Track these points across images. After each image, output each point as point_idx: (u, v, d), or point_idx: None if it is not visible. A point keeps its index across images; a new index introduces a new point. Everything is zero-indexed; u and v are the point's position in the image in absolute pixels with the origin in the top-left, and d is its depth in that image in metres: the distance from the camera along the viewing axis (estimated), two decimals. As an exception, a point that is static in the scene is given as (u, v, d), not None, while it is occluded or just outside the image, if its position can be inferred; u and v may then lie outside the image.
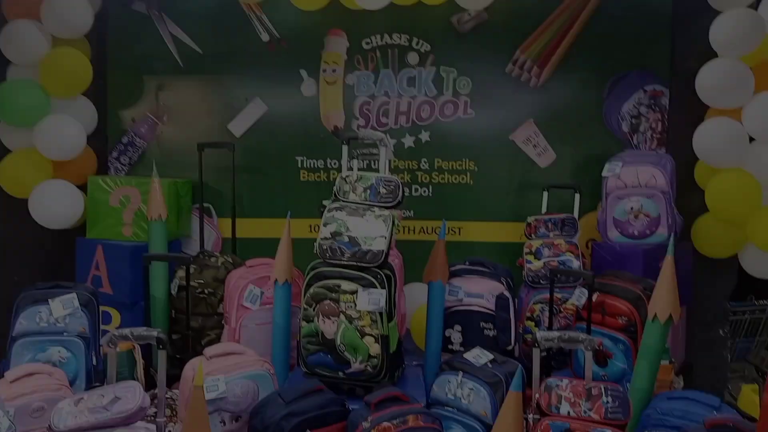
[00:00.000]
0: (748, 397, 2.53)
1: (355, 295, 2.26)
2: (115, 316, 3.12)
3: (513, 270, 2.99)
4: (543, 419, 1.81)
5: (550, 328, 2.74)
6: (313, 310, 2.31)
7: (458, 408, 2.29)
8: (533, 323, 2.94)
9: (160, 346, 1.90)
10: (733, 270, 3.38)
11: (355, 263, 2.29)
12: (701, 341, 3.36)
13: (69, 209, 3.12)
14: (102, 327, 2.74)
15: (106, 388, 1.83)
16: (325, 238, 2.33)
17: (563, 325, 2.86)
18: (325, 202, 2.46)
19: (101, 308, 2.66)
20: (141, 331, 1.91)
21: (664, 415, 2.09)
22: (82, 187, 3.23)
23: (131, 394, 1.79)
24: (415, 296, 3.23)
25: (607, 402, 1.80)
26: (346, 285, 2.27)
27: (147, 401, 1.80)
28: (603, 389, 1.82)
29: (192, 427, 1.63)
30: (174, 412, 2.40)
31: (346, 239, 2.30)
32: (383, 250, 2.27)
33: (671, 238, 2.32)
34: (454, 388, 2.31)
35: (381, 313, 2.26)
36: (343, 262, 2.30)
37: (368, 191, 2.40)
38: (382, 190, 2.38)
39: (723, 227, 3.08)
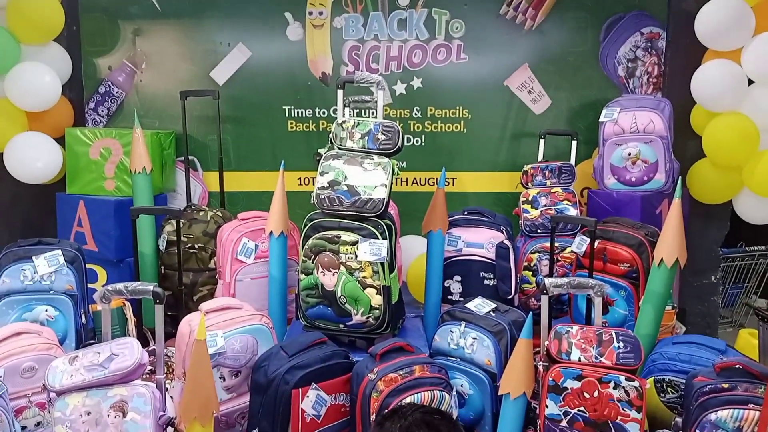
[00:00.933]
0: (746, 340, 2.55)
1: (355, 246, 2.18)
2: (102, 274, 3.02)
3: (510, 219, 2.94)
4: (553, 366, 1.78)
5: (551, 276, 2.71)
6: (312, 262, 2.24)
7: (461, 358, 2.26)
8: (530, 273, 2.91)
9: (157, 301, 1.82)
10: (726, 217, 3.38)
11: (354, 213, 2.21)
12: (693, 287, 3.38)
13: (47, 163, 2.98)
14: (89, 285, 2.65)
15: (101, 346, 1.75)
16: (323, 188, 2.24)
17: (561, 274, 2.84)
18: (320, 151, 2.36)
19: (87, 266, 2.57)
20: (136, 285, 1.82)
21: (671, 360, 2.08)
22: (60, 141, 3.07)
23: (129, 351, 1.72)
24: (410, 249, 3.18)
25: (619, 347, 1.77)
26: (346, 236, 2.19)
27: (146, 358, 1.74)
28: (614, 335, 1.80)
29: (196, 381, 1.57)
30: (170, 370, 2.34)
31: (345, 188, 2.21)
32: (383, 199, 2.19)
33: (678, 181, 2.28)
34: (457, 338, 2.28)
35: (382, 264, 2.19)
36: (342, 212, 2.21)
37: (366, 138, 2.30)
38: (381, 137, 2.28)
39: (719, 172, 3.06)
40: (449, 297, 2.67)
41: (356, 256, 2.19)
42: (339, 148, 2.32)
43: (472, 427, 2.23)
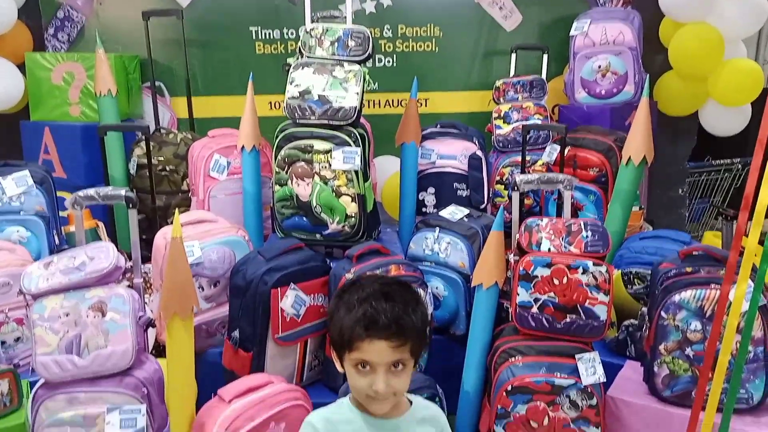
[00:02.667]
0: (710, 241, 2.64)
1: (329, 155, 2.19)
2: (72, 202, 2.98)
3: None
4: (524, 256, 1.83)
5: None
6: (286, 173, 2.24)
7: (436, 262, 2.31)
8: (502, 187, 2.95)
9: (130, 206, 1.81)
10: (693, 130, 3.45)
11: (326, 122, 2.20)
12: (661, 201, 3.47)
13: (6, 88, 2.88)
14: (60, 214, 2.62)
15: (76, 250, 1.75)
16: (293, 98, 2.22)
17: (532, 187, 2.88)
18: (290, 60, 2.32)
19: (57, 194, 2.53)
20: (108, 190, 1.81)
21: (637, 254, 2.16)
22: (21, 69, 2.98)
23: (104, 254, 1.71)
24: (384, 169, 3.19)
25: (587, 236, 1.82)
26: (319, 145, 2.19)
27: (122, 260, 1.73)
28: (582, 225, 1.84)
29: (174, 277, 1.58)
30: (148, 284, 2.35)
31: (316, 97, 2.20)
32: (355, 107, 2.18)
33: (646, 82, 2.30)
34: (432, 243, 2.32)
35: (356, 172, 2.20)
36: (314, 122, 2.20)
37: (336, 45, 2.26)
38: (351, 43, 2.25)
39: (685, 84, 3.10)
40: (423, 210, 2.71)
41: (330, 164, 2.19)
42: (308, 57, 2.28)
43: (447, 326, 2.31)
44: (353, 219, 2.24)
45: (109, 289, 1.69)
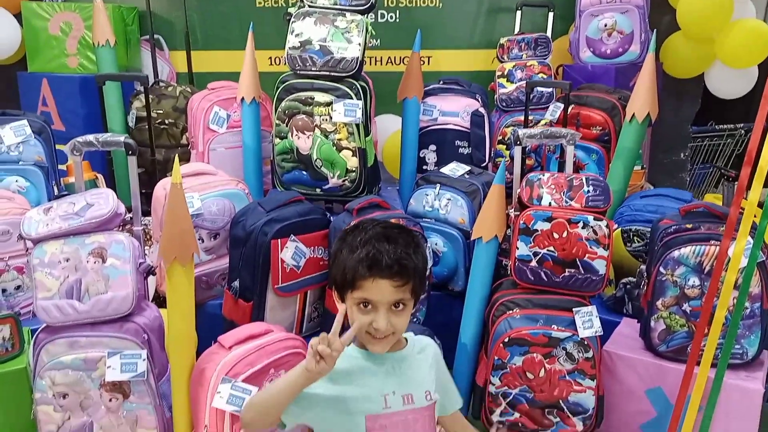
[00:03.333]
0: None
1: (330, 107, 2.17)
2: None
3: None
4: (525, 210, 1.83)
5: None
6: (286, 125, 2.22)
7: (436, 218, 2.31)
8: (504, 147, 2.93)
9: (129, 152, 1.80)
10: (698, 93, 3.42)
11: (327, 73, 2.17)
12: (663, 164, 3.46)
13: (3, 38, 2.84)
14: (59, 167, 2.60)
15: (75, 196, 1.74)
16: (294, 48, 2.19)
17: (533, 147, 2.86)
18: (291, 10, 2.28)
19: (56, 147, 2.51)
20: (107, 136, 1.80)
21: (638, 211, 2.16)
22: (17, 17, 2.92)
23: (104, 200, 1.71)
24: (385, 128, 3.16)
25: (588, 191, 1.82)
26: (319, 97, 2.17)
27: (122, 207, 1.73)
28: (584, 180, 1.84)
29: (174, 222, 1.57)
30: (148, 236, 2.35)
31: (317, 48, 2.17)
32: (357, 58, 2.15)
33: (653, 39, 2.27)
34: (432, 200, 2.32)
35: (357, 125, 2.19)
36: (315, 73, 2.17)
37: (338, -6, 2.22)
38: (354, -8, 2.22)
39: (692, 45, 3.06)
40: (424, 167, 2.69)
41: (331, 117, 2.17)
42: (310, 6, 2.24)
43: (446, 282, 2.32)
44: (353, 173, 2.23)
45: (109, 235, 1.69)
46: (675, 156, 3.48)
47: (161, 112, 2.75)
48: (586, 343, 1.77)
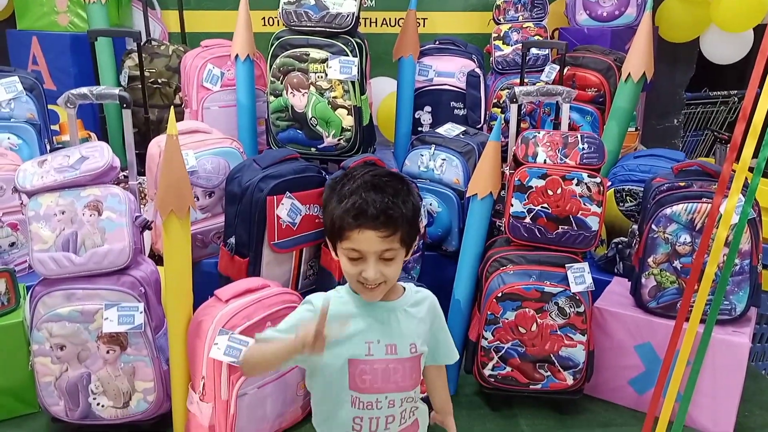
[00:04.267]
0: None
1: (325, 64, 2.15)
2: (63, 115, 2.92)
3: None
4: (520, 168, 1.84)
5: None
6: (281, 82, 2.21)
7: (431, 179, 2.32)
8: (499, 110, 2.92)
9: (124, 105, 1.78)
10: (692, 59, 3.41)
11: (323, 29, 2.15)
12: (656, 130, 3.47)
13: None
14: (51, 127, 2.58)
15: (70, 149, 1.73)
16: (289, 3, 2.16)
17: (529, 110, 2.86)
18: (285, -36, 2.24)
19: (47, 105, 2.48)
20: (101, 89, 1.78)
21: (631, 171, 2.17)
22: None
23: (99, 153, 1.70)
24: (380, 90, 3.14)
25: (583, 148, 1.83)
26: (315, 53, 2.15)
27: (117, 161, 1.72)
28: (579, 137, 1.85)
29: (170, 175, 1.57)
30: (143, 195, 2.34)
31: (312, 2, 2.14)
32: (353, 13, 2.13)
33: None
34: (427, 160, 2.32)
35: (353, 83, 2.17)
36: (310, 29, 2.15)
37: (333, -51, 2.19)
38: (349, -53, 2.18)
39: (687, 8, 3.05)
40: (419, 129, 2.69)
41: (326, 74, 2.16)
42: (305, -39, 2.21)
43: (440, 243, 2.34)
44: (349, 133, 2.23)
45: (104, 189, 1.69)
46: (668, 122, 3.49)
47: (154, 71, 2.71)
48: (577, 298, 1.80)
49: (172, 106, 1.61)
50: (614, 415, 1.93)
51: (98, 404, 1.72)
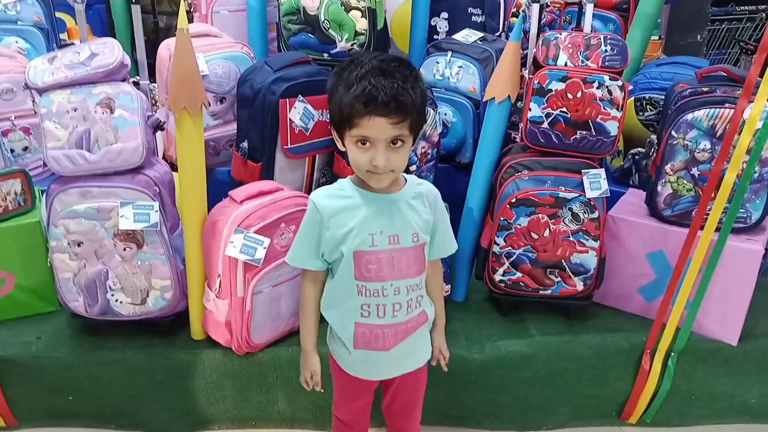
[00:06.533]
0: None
1: (338, -37, 2.06)
2: (70, 22, 2.88)
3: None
4: (540, 70, 1.79)
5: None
6: (293, -17, 2.13)
7: (446, 88, 2.27)
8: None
9: (134, 1, 1.73)
10: (721, -30, 3.26)
11: (336, -74, 2.05)
12: (678, 45, 3.35)
13: None
14: (60, 37, 2.53)
15: (80, 45, 1.69)
16: None
17: (549, 21, 2.76)
18: None
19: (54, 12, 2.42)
20: (108, -18, 1.72)
21: (653, 79, 2.11)
22: None
23: (109, 50, 1.66)
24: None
25: (606, 50, 1.77)
26: (328, -50, 2.06)
27: (128, 59, 1.69)
28: (602, 39, 1.78)
29: (182, 71, 1.54)
30: (154, 101, 2.31)
31: None
32: None
33: None
34: (442, 68, 2.27)
35: (367, -17, 2.09)
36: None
37: None
38: None
39: None
40: (435, 37, 2.61)
41: (340, -26, 2.07)
42: None
43: (453, 154, 2.31)
44: (362, 37, 2.16)
45: (116, 86, 1.66)
46: (691, 38, 3.37)
47: (161, -25, 2.64)
48: (592, 203, 1.79)
49: (182, 1, 1.56)
50: (622, 321, 1.95)
51: (116, 300, 1.76)
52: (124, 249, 1.71)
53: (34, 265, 1.90)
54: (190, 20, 2.47)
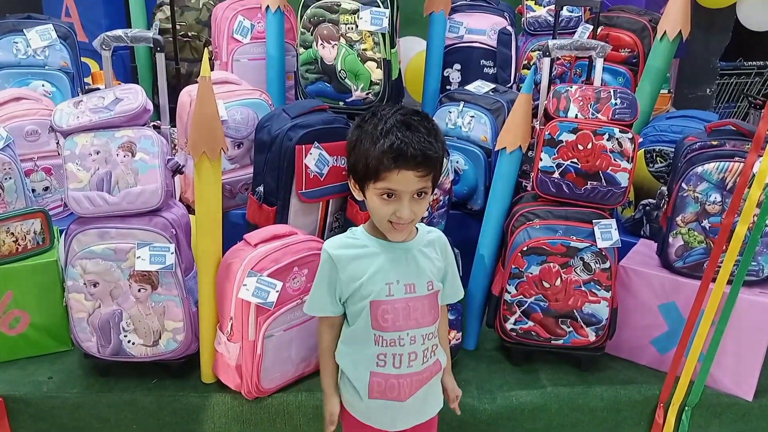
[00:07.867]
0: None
1: (356, 15, 2.14)
2: (94, 67, 2.97)
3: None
4: (550, 122, 1.82)
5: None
6: (311, 34, 2.20)
7: (458, 136, 2.31)
8: (529, 71, 2.89)
9: (158, 49, 1.80)
10: (728, 27, 3.33)
11: (354, -20, 2.14)
12: (688, 99, 3.40)
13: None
14: (84, 80, 2.61)
15: (105, 91, 1.75)
16: (322, -47, 2.14)
17: (559, 73, 2.82)
18: None
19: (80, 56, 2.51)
20: (136, 32, 1.80)
21: (662, 132, 2.15)
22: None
23: (133, 95, 1.72)
24: (409, 49, 3.12)
25: (615, 103, 1.80)
26: (346, 3, 2.14)
27: (150, 104, 1.74)
28: (612, 92, 1.82)
29: (203, 117, 1.58)
30: (173, 144, 2.37)
31: (345, -46, 2.12)
32: (385, -35, 2.11)
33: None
34: (455, 117, 2.32)
35: (383, 35, 2.16)
36: (341, -20, 2.14)
37: None
38: None
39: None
40: (448, 87, 2.67)
41: (357, 26, 2.15)
42: None
43: (465, 201, 2.34)
44: (377, 86, 2.23)
45: (138, 130, 1.71)
46: (700, 91, 3.42)
47: (184, 24, 2.73)
48: (603, 253, 1.80)
49: (206, 49, 1.62)
50: (635, 373, 1.93)
51: (129, 341, 1.77)
52: (139, 290, 1.73)
53: (49, 305, 1.91)
54: (212, 68, 2.55)
